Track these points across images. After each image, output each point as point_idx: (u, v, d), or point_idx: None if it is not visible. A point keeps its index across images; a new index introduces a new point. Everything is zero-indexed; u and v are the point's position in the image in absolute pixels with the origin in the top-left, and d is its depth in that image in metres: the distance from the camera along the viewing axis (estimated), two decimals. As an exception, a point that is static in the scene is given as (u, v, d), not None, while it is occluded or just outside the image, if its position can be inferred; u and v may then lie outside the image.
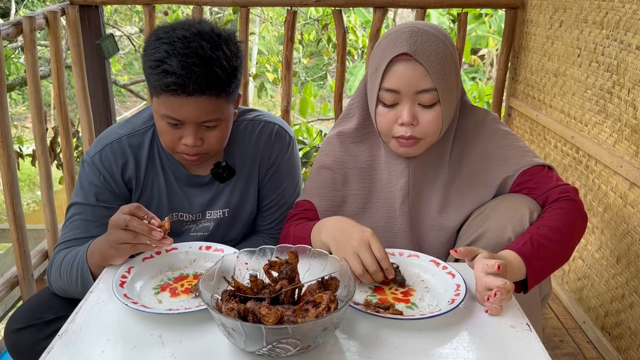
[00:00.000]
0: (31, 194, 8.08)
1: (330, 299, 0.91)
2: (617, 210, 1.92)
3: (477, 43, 7.25)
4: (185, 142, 1.24)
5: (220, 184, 1.42)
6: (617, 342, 1.93)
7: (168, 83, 1.16)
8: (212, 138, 1.27)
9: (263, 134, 1.44)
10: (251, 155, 1.43)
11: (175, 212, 1.41)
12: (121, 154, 1.34)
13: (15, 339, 1.28)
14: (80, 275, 1.25)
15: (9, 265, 2.97)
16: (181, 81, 1.15)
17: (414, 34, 1.21)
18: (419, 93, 1.21)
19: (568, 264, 2.29)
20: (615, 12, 1.91)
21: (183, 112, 1.20)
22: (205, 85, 1.18)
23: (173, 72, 1.16)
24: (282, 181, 1.48)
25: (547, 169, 1.31)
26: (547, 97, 2.44)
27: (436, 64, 1.20)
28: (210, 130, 1.26)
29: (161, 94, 1.20)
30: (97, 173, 1.33)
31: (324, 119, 5.45)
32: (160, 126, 1.26)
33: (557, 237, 1.16)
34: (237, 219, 1.47)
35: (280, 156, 1.46)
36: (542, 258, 1.13)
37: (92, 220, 1.32)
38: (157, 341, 0.97)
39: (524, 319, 1.03)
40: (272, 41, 8.42)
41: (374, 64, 1.26)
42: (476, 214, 1.31)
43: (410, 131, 1.23)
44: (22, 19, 2.13)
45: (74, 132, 3.62)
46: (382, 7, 2.59)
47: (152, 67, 1.18)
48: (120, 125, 1.40)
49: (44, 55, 4.96)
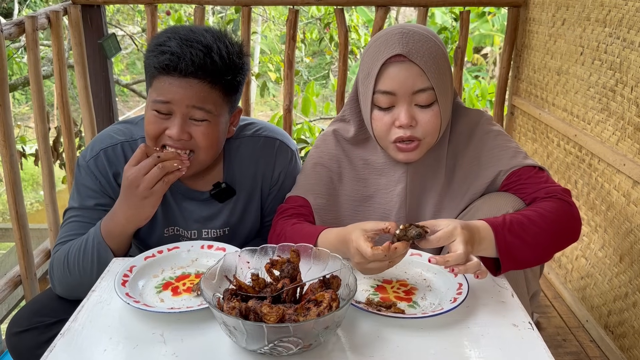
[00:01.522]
0: (34, 194, 8.10)
1: (332, 298, 0.91)
2: (620, 209, 1.92)
3: (481, 42, 7.24)
4: (170, 133, 1.19)
5: (220, 203, 1.39)
6: (620, 341, 1.92)
7: (162, 60, 1.15)
8: (199, 134, 1.20)
9: (265, 150, 1.40)
10: (252, 173, 1.40)
11: (170, 227, 1.39)
12: (115, 160, 1.32)
13: (16, 342, 1.27)
14: (97, 257, 1.22)
15: (12, 264, 2.98)
16: (175, 58, 1.14)
17: (405, 35, 1.19)
18: (415, 93, 1.19)
19: (571, 262, 2.28)
20: (618, 10, 1.90)
21: (172, 93, 1.16)
22: (199, 67, 1.15)
23: (169, 50, 1.15)
24: (285, 192, 1.43)
25: (538, 170, 1.28)
26: (549, 96, 2.43)
27: (431, 64, 1.18)
28: (198, 125, 1.20)
29: (155, 78, 1.18)
30: (92, 177, 1.31)
31: (327, 117, 5.45)
32: (148, 117, 1.21)
33: (537, 220, 1.12)
34: (236, 236, 1.44)
35: (284, 172, 1.42)
36: (515, 234, 1.09)
37: (90, 222, 1.30)
38: (159, 340, 0.97)
39: (527, 318, 1.03)
40: (274, 40, 8.42)
41: (366, 68, 1.24)
42: (462, 214, 1.30)
43: (409, 132, 1.21)
44: (25, 18, 2.13)
45: (76, 131, 3.63)
46: (384, 6, 2.58)
47: (151, 50, 1.18)
48: (117, 130, 1.37)
49: (47, 55, 4.97)
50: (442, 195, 1.32)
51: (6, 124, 1.99)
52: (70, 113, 2.46)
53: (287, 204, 1.35)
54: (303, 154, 3.64)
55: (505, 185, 1.28)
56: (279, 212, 1.35)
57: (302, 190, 1.36)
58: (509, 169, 1.27)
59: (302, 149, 3.72)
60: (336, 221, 1.33)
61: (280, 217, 1.32)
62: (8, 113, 2.00)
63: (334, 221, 1.33)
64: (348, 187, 1.36)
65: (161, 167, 1.14)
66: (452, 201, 1.32)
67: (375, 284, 1.15)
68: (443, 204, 1.32)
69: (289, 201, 1.36)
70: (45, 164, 2.29)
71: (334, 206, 1.35)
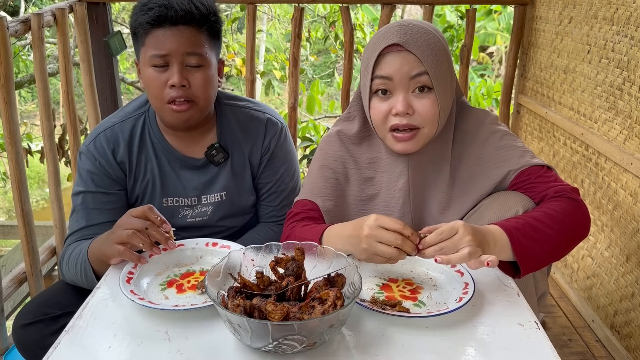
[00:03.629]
0: (39, 191, 8.14)
1: (337, 296, 0.91)
2: (627, 208, 1.90)
3: (486, 40, 7.21)
4: (172, 81, 1.27)
5: (216, 167, 1.44)
6: (626, 341, 1.91)
7: (151, 15, 1.24)
8: (197, 80, 1.30)
9: (253, 122, 1.46)
10: (243, 142, 1.45)
11: (170, 197, 1.43)
12: (113, 140, 1.39)
13: (22, 334, 1.30)
14: (83, 272, 1.29)
15: (18, 261, 3.00)
16: (164, 10, 1.25)
17: (404, 27, 1.21)
18: (412, 79, 1.19)
19: (577, 262, 2.27)
20: (625, 8, 1.89)
21: (167, 43, 1.26)
22: (186, 13, 1.26)
23: (155, 5, 1.25)
24: (279, 167, 1.49)
25: (546, 169, 1.28)
26: (556, 94, 2.42)
27: (428, 52, 1.19)
28: (194, 71, 1.29)
29: (147, 35, 1.27)
30: (92, 160, 1.37)
31: (331, 116, 5.45)
32: (147, 76, 1.30)
33: (548, 222, 1.13)
34: (235, 204, 1.48)
35: (274, 142, 1.47)
36: (528, 236, 1.10)
37: (94, 208, 1.36)
38: (163, 337, 0.97)
39: (532, 317, 1.02)
40: (279, 38, 8.42)
41: (365, 60, 1.26)
42: (471, 213, 1.29)
43: (406, 120, 1.21)
44: (31, 16, 2.13)
45: (82, 129, 3.64)
46: (389, 4, 2.57)
47: (137, 12, 1.27)
48: (113, 115, 1.45)
49: (52, 52, 4.99)
50: (448, 194, 1.32)
51: (12, 122, 1.99)
52: (75, 111, 2.46)
53: (296, 209, 1.35)
54: (308, 152, 3.64)
55: (514, 185, 1.28)
56: (289, 217, 1.35)
57: (310, 193, 1.35)
58: (518, 169, 1.27)
59: (306, 147, 3.72)
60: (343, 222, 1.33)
61: (291, 221, 1.33)
62: (14, 110, 2.00)
63: (341, 222, 1.33)
64: (354, 188, 1.36)
65: (131, 234, 1.14)
66: (458, 199, 1.31)
67: (381, 282, 1.15)
68: (449, 201, 1.32)
69: (298, 205, 1.36)
70: (50, 161, 2.29)
71: (342, 207, 1.35)
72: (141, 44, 1.30)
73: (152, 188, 1.42)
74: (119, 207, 1.39)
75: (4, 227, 3.71)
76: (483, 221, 1.21)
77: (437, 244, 1.04)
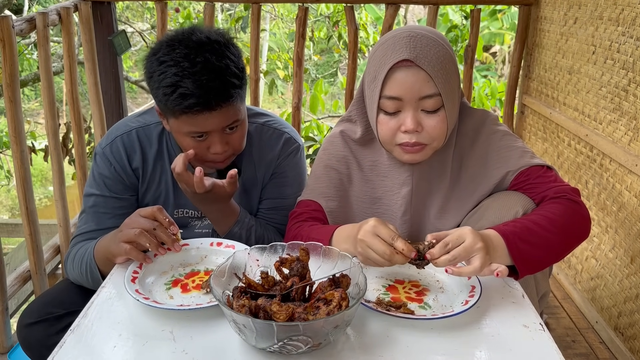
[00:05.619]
0: (43, 190, 8.16)
1: (342, 297, 0.91)
2: (631, 209, 1.90)
3: (491, 40, 7.19)
4: (215, 150, 1.26)
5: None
6: (630, 343, 1.91)
7: (189, 105, 1.17)
8: (236, 139, 1.29)
9: (272, 141, 1.43)
10: (258, 159, 1.43)
11: (180, 209, 1.43)
12: (130, 146, 1.37)
13: (27, 333, 1.30)
14: (89, 271, 1.29)
15: (22, 260, 3.01)
16: (202, 100, 1.17)
17: (413, 39, 1.17)
18: (422, 99, 1.18)
19: (581, 263, 2.27)
20: (631, 9, 1.88)
21: (209, 125, 1.22)
22: (224, 96, 1.20)
23: (191, 93, 1.16)
24: (285, 187, 1.45)
25: (546, 169, 1.27)
26: (561, 95, 2.41)
27: (438, 69, 1.17)
28: (233, 132, 1.28)
29: (181, 115, 1.20)
30: (108, 164, 1.36)
31: (335, 115, 5.45)
32: (185, 142, 1.26)
33: (546, 225, 1.13)
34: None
35: (287, 161, 1.45)
36: (526, 240, 1.10)
37: (105, 212, 1.35)
38: (168, 337, 0.97)
39: (537, 319, 1.02)
40: (283, 38, 8.41)
41: (372, 72, 1.23)
42: (471, 213, 1.29)
43: (415, 138, 1.20)
44: (36, 15, 2.14)
45: (86, 127, 3.64)
46: (393, 4, 2.57)
47: (167, 94, 1.18)
48: (132, 119, 1.42)
49: (57, 51, 5.00)
50: (448, 197, 1.31)
51: (17, 120, 2.00)
52: (80, 109, 2.47)
53: (299, 208, 1.35)
54: (311, 151, 3.64)
55: (514, 185, 1.27)
56: (293, 217, 1.34)
57: (313, 194, 1.35)
58: (518, 169, 1.27)
59: (309, 147, 3.72)
60: (347, 223, 1.32)
61: (294, 221, 1.32)
62: (19, 109, 2.00)
63: (345, 223, 1.32)
64: (357, 189, 1.36)
65: (139, 233, 1.15)
66: (457, 202, 1.31)
67: (387, 283, 1.14)
68: (448, 205, 1.31)
69: (301, 205, 1.35)
70: (55, 160, 2.30)
71: (345, 208, 1.35)
72: (170, 115, 1.23)
73: (164, 198, 1.41)
74: (129, 212, 1.36)
75: (7, 226, 3.73)
76: (484, 221, 1.21)
77: (449, 253, 1.03)
